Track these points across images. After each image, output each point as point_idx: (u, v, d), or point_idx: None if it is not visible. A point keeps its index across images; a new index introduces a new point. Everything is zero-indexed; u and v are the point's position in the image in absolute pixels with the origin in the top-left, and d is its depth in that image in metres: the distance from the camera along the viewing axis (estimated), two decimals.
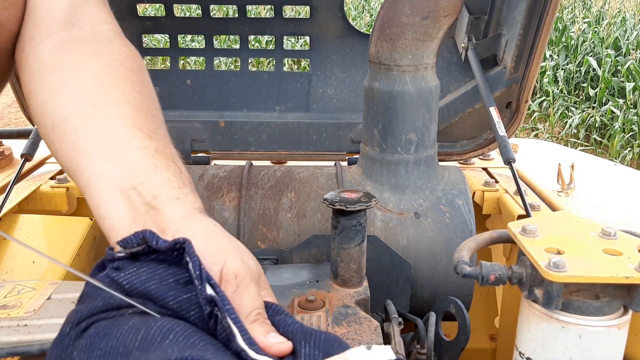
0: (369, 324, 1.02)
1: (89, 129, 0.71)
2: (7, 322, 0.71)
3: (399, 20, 1.30)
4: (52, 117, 0.73)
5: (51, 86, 0.75)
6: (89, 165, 0.69)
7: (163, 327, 0.53)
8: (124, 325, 0.53)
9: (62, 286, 0.80)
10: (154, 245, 0.57)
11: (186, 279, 0.57)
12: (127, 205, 0.65)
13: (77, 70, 0.76)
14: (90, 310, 0.56)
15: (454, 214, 1.39)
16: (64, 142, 0.72)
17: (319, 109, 1.82)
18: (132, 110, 0.73)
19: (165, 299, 0.56)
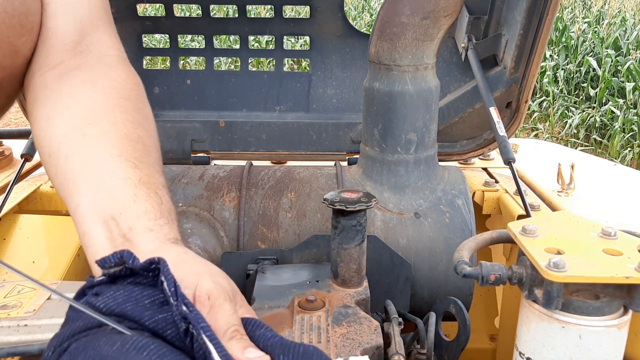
0: (369, 324, 1.02)
1: (79, 158, 0.74)
2: (7, 322, 0.71)
3: (399, 20, 1.30)
4: (49, 145, 0.77)
5: (48, 114, 0.78)
6: (77, 193, 0.72)
7: (138, 343, 0.53)
8: (101, 338, 0.54)
9: (62, 286, 0.80)
10: (129, 265, 0.59)
11: (162, 299, 0.58)
12: (106, 235, 0.68)
13: (73, 98, 0.79)
14: (71, 332, 0.58)
15: (454, 214, 1.39)
16: (58, 170, 0.75)
17: (319, 109, 1.82)
18: (121, 140, 0.76)
19: (142, 319, 0.57)
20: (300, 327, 1.00)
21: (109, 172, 0.73)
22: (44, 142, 0.78)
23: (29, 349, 0.68)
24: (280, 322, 1.03)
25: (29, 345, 0.68)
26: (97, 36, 0.85)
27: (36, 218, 1.52)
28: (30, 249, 1.44)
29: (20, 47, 0.78)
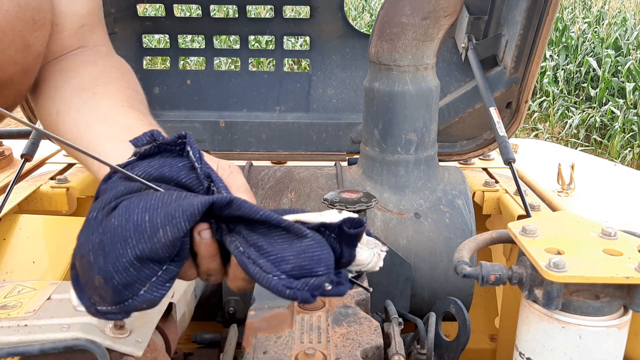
0: (369, 324, 1.02)
1: (91, 108, 0.82)
2: (7, 322, 0.71)
3: (399, 21, 1.30)
4: (57, 105, 0.84)
5: (55, 85, 0.86)
6: (91, 130, 0.80)
7: (181, 194, 0.64)
8: (150, 195, 0.63)
9: (62, 286, 0.80)
10: (160, 140, 0.69)
11: (189, 165, 0.68)
12: (126, 149, 0.73)
13: (78, 71, 0.87)
14: (114, 195, 0.65)
15: (454, 214, 1.39)
16: (68, 122, 0.82)
17: (319, 109, 1.82)
18: (127, 98, 0.85)
19: (178, 178, 0.67)
20: (300, 327, 1.00)
21: (123, 115, 0.82)
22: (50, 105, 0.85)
23: (29, 349, 0.68)
24: (280, 322, 1.03)
25: (29, 345, 0.68)
26: (93, 36, 0.94)
27: (36, 218, 1.52)
28: (30, 249, 1.44)
29: (32, 42, 0.80)
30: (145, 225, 0.60)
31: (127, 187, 0.65)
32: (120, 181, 0.66)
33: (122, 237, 0.60)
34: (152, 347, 0.75)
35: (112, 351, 0.70)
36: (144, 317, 0.77)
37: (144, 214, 0.61)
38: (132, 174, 0.66)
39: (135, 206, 0.62)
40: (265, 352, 0.95)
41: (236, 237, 0.63)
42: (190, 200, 0.61)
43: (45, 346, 0.68)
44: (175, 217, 0.60)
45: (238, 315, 1.28)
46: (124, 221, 0.61)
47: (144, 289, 0.62)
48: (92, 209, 0.65)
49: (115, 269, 0.60)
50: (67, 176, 1.66)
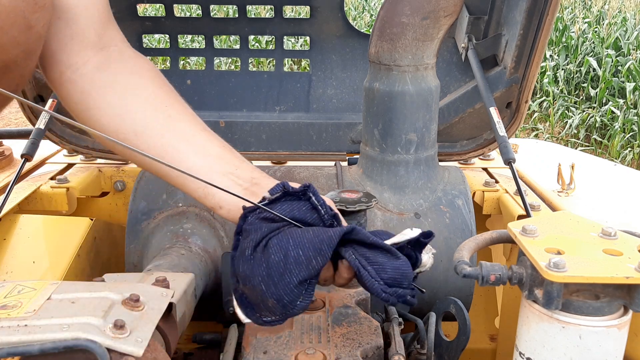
0: (369, 324, 1.02)
1: (174, 133, 0.93)
2: (7, 322, 0.71)
3: (399, 21, 1.30)
4: (132, 126, 0.93)
5: (116, 103, 0.93)
6: (185, 159, 0.91)
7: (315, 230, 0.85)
8: (294, 233, 0.84)
9: (62, 286, 0.80)
10: (291, 190, 0.88)
11: (310, 207, 0.88)
12: (232, 183, 0.90)
13: (132, 88, 0.95)
14: (261, 235, 0.85)
15: (454, 214, 1.39)
16: (151, 145, 0.92)
17: (319, 109, 1.82)
18: (194, 117, 0.96)
19: (305, 218, 0.88)
20: (300, 327, 1.00)
21: (208, 142, 0.94)
22: (122, 125, 0.93)
23: (29, 349, 0.68)
24: None
25: (29, 345, 0.68)
26: (109, 33, 0.97)
27: (36, 218, 1.52)
28: (30, 249, 1.44)
29: (34, 23, 0.81)
30: (301, 258, 0.82)
31: (268, 227, 0.85)
32: (259, 222, 0.86)
33: (287, 270, 0.82)
34: (152, 347, 0.75)
35: (112, 351, 0.70)
36: (144, 317, 0.77)
37: (298, 250, 0.83)
38: (271, 215, 0.86)
39: (286, 243, 0.83)
40: (265, 352, 0.95)
41: (349, 249, 0.85)
42: (328, 234, 0.83)
43: (45, 346, 0.68)
44: (322, 249, 0.83)
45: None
46: (282, 256, 0.83)
47: (299, 301, 0.84)
48: (243, 246, 0.85)
49: (285, 292, 0.83)
50: (67, 176, 1.66)
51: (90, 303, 0.76)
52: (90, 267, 1.52)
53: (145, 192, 1.45)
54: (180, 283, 1.05)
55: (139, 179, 1.49)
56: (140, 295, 0.80)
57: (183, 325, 1.01)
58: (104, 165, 1.77)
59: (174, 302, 0.89)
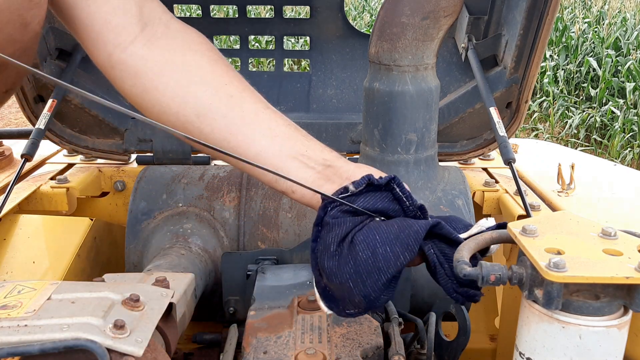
0: (369, 324, 1.02)
1: (238, 113, 0.89)
2: (7, 322, 0.71)
3: (399, 21, 1.30)
4: (194, 108, 0.89)
5: (175, 84, 0.90)
6: (253, 143, 0.88)
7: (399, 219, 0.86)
8: (380, 228, 0.83)
9: (62, 286, 0.80)
10: (376, 182, 0.85)
11: (392, 198, 0.87)
12: (303, 166, 0.87)
13: (188, 66, 0.91)
14: (346, 230, 0.83)
15: (454, 214, 1.39)
16: (215, 126, 0.89)
17: (319, 109, 1.82)
18: (255, 93, 0.93)
19: (388, 210, 0.87)
20: (300, 327, 1.00)
21: (273, 122, 0.90)
22: (183, 106, 0.89)
23: (29, 349, 0.68)
24: (281, 322, 1.03)
25: (29, 345, 0.68)
26: (148, 6, 0.93)
27: (36, 218, 1.52)
28: (30, 249, 1.44)
29: (30, 20, 0.80)
30: (389, 255, 0.81)
31: (352, 221, 0.84)
32: (343, 215, 0.85)
33: (376, 267, 0.82)
34: (152, 347, 0.75)
35: (112, 351, 0.70)
36: (144, 317, 0.77)
37: (385, 246, 0.82)
38: (352, 207, 0.85)
39: (373, 240, 0.82)
40: (265, 352, 0.95)
41: (429, 243, 0.84)
42: (414, 228, 0.82)
43: (45, 346, 0.68)
44: (409, 244, 0.81)
45: (238, 315, 1.28)
46: (370, 254, 0.82)
47: (384, 294, 0.84)
48: (327, 241, 0.84)
49: (373, 289, 0.82)
50: (67, 176, 1.67)
51: (90, 303, 0.76)
52: (90, 267, 1.52)
53: (145, 192, 1.45)
54: (180, 283, 1.05)
55: (139, 179, 1.49)
56: (140, 295, 0.80)
57: (183, 325, 1.02)
58: (104, 165, 1.77)
59: (174, 302, 0.89)
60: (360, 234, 0.83)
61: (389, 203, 0.87)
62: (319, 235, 0.86)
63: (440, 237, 0.84)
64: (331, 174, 0.88)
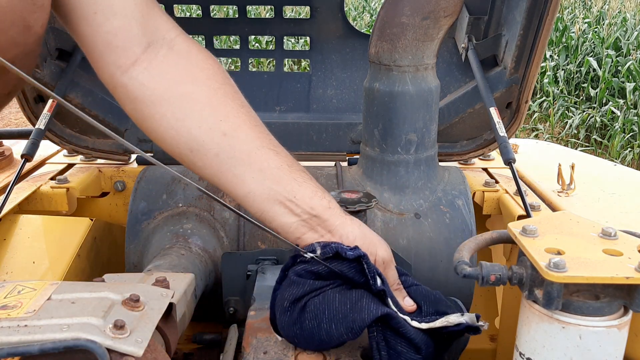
0: None
1: (230, 154, 0.90)
2: (7, 323, 0.71)
3: (399, 21, 1.30)
4: (187, 143, 0.91)
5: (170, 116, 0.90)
6: (242, 184, 0.90)
7: (357, 294, 0.89)
8: (331, 304, 0.88)
9: (62, 287, 0.80)
10: (344, 256, 0.89)
11: (359, 270, 0.90)
12: (289, 212, 0.89)
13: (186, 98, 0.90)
14: (303, 292, 0.89)
15: (454, 215, 1.39)
16: (206, 163, 0.91)
17: (319, 109, 1.82)
18: (253, 130, 0.92)
19: (354, 279, 0.90)
20: None
21: (265, 163, 0.90)
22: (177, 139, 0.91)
23: (29, 349, 0.68)
24: None
25: (29, 346, 0.68)
26: (152, 23, 0.91)
27: (36, 218, 1.52)
28: (30, 249, 1.44)
29: (32, 24, 0.80)
30: (333, 332, 0.88)
31: (311, 286, 0.89)
32: (306, 275, 0.89)
33: (319, 337, 0.88)
34: (152, 347, 0.75)
35: (112, 351, 0.70)
36: (144, 317, 0.77)
37: (331, 324, 0.87)
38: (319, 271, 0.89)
39: (321, 313, 0.88)
40: (265, 352, 0.95)
41: (374, 328, 0.88)
42: (362, 315, 0.86)
43: (45, 346, 0.68)
44: (354, 328, 0.87)
45: (238, 315, 1.28)
46: (316, 325, 0.88)
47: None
48: (282, 296, 0.89)
49: (316, 348, 0.92)
50: (67, 176, 1.66)
51: (90, 303, 0.76)
52: (90, 267, 1.52)
53: (145, 192, 1.45)
54: (180, 283, 1.05)
55: (139, 179, 1.49)
56: (140, 296, 0.80)
57: (183, 325, 1.01)
58: (104, 165, 1.77)
59: (174, 302, 0.89)
60: (312, 303, 0.89)
61: (355, 273, 0.90)
62: (281, 281, 0.93)
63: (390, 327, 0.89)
64: (315, 224, 0.90)
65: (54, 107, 1.53)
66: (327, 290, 0.90)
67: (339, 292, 0.90)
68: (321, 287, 0.90)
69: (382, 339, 0.88)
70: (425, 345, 0.89)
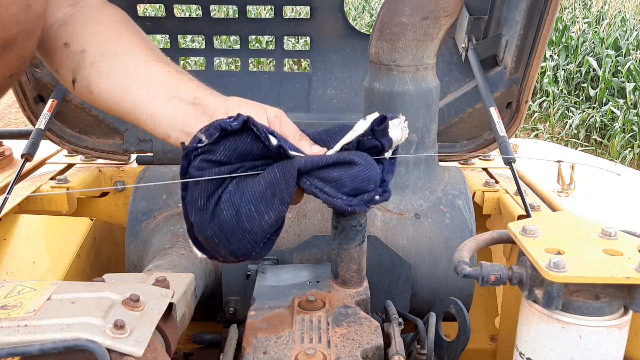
0: (369, 324, 1.02)
1: (118, 70, 0.93)
2: (7, 322, 0.71)
3: (399, 21, 1.30)
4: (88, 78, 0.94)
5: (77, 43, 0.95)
6: (129, 93, 0.91)
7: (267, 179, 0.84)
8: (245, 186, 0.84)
9: (62, 286, 0.80)
10: (230, 128, 0.82)
11: (253, 136, 0.84)
12: (174, 108, 0.89)
13: (88, 36, 0.95)
14: (214, 187, 0.84)
15: (454, 214, 1.39)
16: (101, 87, 0.93)
17: (319, 109, 1.82)
18: (145, 49, 0.95)
19: (252, 151, 0.85)
20: (300, 327, 1.00)
21: (152, 71, 0.93)
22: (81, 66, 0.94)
23: (29, 349, 0.68)
24: (281, 322, 1.03)
25: (29, 345, 0.68)
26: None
27: (36, 218, 1.52)
28: (30, 249, 1.44)
29: (32, 1, 0.82)
30: (254, 215, 0.82)
31: (218, 172, 0.83)
32: (208, 166, 0.83)
33: (239, 227, 0.82)
34: (152, 347, 0.75)
35: (112, 351, 0.70)
36: (143, 317, 0.77)
37: (250, 205, 0.82)
38: (217, 157, 0.83)
39: (237, 199, 0.83)
40: (265, 352, 0.95)
41: (303, 178, 0.83)
42: (281, 186, 0.82)
43: (45, 346, 0.68)
44: (274, 202, 0.82)
45: (238, 315, 1.28)
46: (234, 213, 0.82)
47: (254, 253, 0.85)
48: (194, 195, 0.84)
49: (238, 247, 0.84)
50: (67, 176, 1.67)
51: (90, 303, 0.76)
52: (90, 267, 1.52)
53: (145, 192, 1.45)
54: (180, 283, 1.05)
55: (139, 179, 1.49)
56: (140, 296, 0.80)
57: (183, 325, 1.01)
58: (104, 165, 1.77)
59: (174, 302, 0.89)
60: (226, 192, 0.84)
61: (251, 143, 0.85)
62: (186, 186, 0.85)
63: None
64: (199, 112, 0.90)
65: (54, 107, 1.53)
66: (238, 179, 0.85)
67: (249, 173, 0.86)
68: (231, 172, 0.85)
69: (315, 177, 0.83)
70: (357, 156, 0.83)
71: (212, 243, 0.85)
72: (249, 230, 0.83)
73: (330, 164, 0.83)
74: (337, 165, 0.83)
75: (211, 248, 0.87)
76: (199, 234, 0.86)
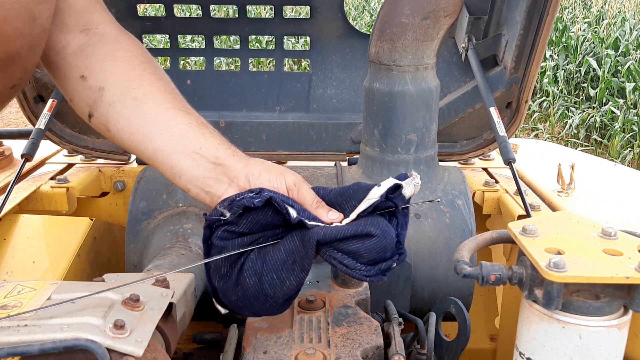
0: (369, 324, 1.02)
1: (140, 116, 0.92)
2: (7, 322, 0.71)
3: (399, 21, 1.30)
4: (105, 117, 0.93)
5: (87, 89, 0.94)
6: (150, 142, 0.91)
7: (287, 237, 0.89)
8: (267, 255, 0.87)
9: (62, 286, 0.80)
10: (253, 206, 0.85)
11: (274, 210, 0.87)
12: (195, 164, 0.90)
13: (105, 72, 0.94)
14: (236, 255, 0.87)
15: (454, 214, 1.39)
16: (119, 128, 0.93)
17: (319, 109, 1.82)
18: (165, 95, 0.95)
19: (273, 223, 0.88)
20: (300, 327, 1.00)
21: (173, 121, 0.92)
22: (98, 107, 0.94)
23: (29, 349, 0.68)
24: (281, 322, 1.03)
25: (29, 345, 0.68)
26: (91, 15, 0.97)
27: (36, 218, 1.52)
28: (30, 249, 1.44)
29: (37, 15, 0.82)
30: (275, 282, 0.87)
31: (240, 243, 0.88)
32: (230, 237, 0.87)
33: (262, 293, 0.87)
34: (152, 347, 0.75)
35: (112, 351, 0.70)
36: (143, 317, 0.77)
37: (272, 274, 0.86)
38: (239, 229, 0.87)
39: (260, 268, 0.87)
40: (265, 352, 0.95)
41: (322, 249, 0.86)
42: (300, 254, 0.86)
43: (45, 346, 0.68)
44: (295, 269, 0.86)
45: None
46: (257, 280, 0.87)
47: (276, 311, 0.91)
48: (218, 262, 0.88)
49: (260, 309, 0.90)
50: (67, 176, 1.66)
51: (90, 303, 0.76)
52: (90, 267, 1.52)
53: (145, 192, 1.45)
54: (180, 283, 1.05)
55: (139, 179, 1.49)
56: (140, 295, 0.80)
57: (183, 325, 1.01)
58: (104, 165, 1.77)
59: (174, 302, 0.89)
60: (248, 260, 0.88)
61: (272, 216, 0.88)
62: (209, 253, 0.89)
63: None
64: (220, 173, 0.91)
65: (54, 107, 1.53)
66: (258, 247, 0.89)
67: (270, 242, 0.89)
68: (251, 243, 0.88)
69: (334, 249, 0.85)
70: (374, 226, 0.85)
71: (235, 306, 0.91)
72: (272, 295, 0.87)
73: (348, 237, 0.85)
74: (355, 237, 0.85)
75: (234, 309, 0.92)
76: (223, 298, 0.91)
